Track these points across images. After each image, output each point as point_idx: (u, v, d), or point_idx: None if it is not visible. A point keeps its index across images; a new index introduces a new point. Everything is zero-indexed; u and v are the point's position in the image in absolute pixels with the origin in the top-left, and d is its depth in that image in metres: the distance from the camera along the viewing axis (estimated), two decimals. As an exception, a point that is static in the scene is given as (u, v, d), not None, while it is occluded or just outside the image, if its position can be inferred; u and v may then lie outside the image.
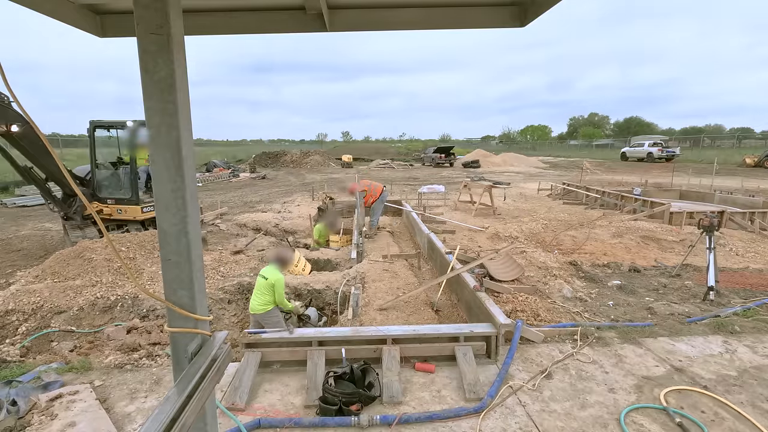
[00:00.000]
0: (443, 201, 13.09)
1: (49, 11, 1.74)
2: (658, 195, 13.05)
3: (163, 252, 1.39)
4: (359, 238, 7.45)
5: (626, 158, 35.17)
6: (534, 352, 3.54)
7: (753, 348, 3.62)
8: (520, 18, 2.04)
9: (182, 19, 1.36)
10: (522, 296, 4.87)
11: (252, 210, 12.62)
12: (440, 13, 2.01)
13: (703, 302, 4.90)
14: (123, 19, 2.02)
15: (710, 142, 44.66)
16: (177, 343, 1.44)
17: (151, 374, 3.34)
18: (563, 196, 14.25)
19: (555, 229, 8.90)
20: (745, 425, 2.63)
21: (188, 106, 1.40)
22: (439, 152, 34.02)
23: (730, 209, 9.81)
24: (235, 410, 2.81)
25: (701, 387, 3.04)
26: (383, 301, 4.86)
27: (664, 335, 3.86)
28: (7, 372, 3.40)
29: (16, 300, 5.04)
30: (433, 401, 2.90)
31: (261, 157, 36.71)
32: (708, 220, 5.21)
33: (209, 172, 27.58)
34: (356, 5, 2.00)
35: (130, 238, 6.83)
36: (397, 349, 3.34)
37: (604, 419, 2.69)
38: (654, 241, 7.92)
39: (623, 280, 5.76)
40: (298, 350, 3.39)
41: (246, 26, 2.01)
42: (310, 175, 26.73)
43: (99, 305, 5.05)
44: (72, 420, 2.74)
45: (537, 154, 47.45)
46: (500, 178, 17.56)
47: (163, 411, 1.14)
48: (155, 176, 1.35)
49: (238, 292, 5.56)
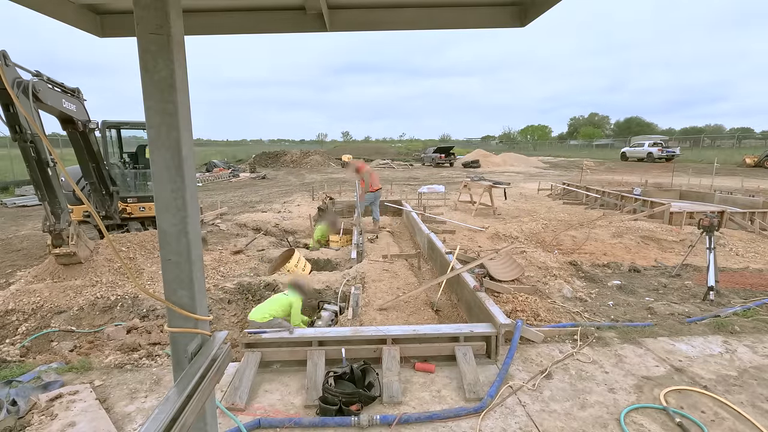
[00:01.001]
0: (443, 201, 13.09)
1: (49, 11, 1.74)
2: (658, 195, 13.05)
3: (163, 252, 1.39)
4: (359, 238, 7.45)
5: (626, 158, 35.17)
6: (534, 352, 3.54)
7: (753, 348, 3.62)
8: (520, 18, 2.04)
9: (182, 19, 1.36)
10: (522, 296, 4.87)
11: (252, 210, 12.61)
12: (440, 13, 2.02)
13: (703, 302, 4.90)
14: (123, 19, 2.03)
15: (710, 142, 44.68)
16: (177, 343, 1.44)
17: (151, 374, 3.34)
18: (563, 196, 14.25)
19: (555, 229, 8.90)
20: (745, 425, 2.63)
21: (188, 106, 1.40)
22: (439, 152, 34.00)
23: (730, 209, 9.81)
24: (235, 410, 2.81)
25: (701, 387, 3.04)
26: (383, 301, 4.86)
27: (664, 335, 3.86)
28: (7, 372, 3.40)
29: (16, 300, 5.04)
30: (433, 401, 2.90)
31: (261, 157, 36.70)
32: (708, 220, 5.21)
33: (209, 172, 27.58)
34: (356, 5, 2.00)
35: (130, 238, 6.82)
36: (397, 349, 3.34)
37: (604, 419, 2.69)
38: (654, 241, 7.92)
39: (623, 280, 5.76)
40: (298, 350, 3.39)
41: (246, 26, 2.02)
42: (310, 175, 26.74)
43: (99, 305, 5.05)
44: (72, 420, 2.74)
45: (537, 154, 47.46)
46: (500, 178, 17.55)
47: (163, 411, 1.14)
48: (155, 176, 1.35)
49: (238, 292, 5.56)
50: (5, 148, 21.26)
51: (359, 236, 7.54)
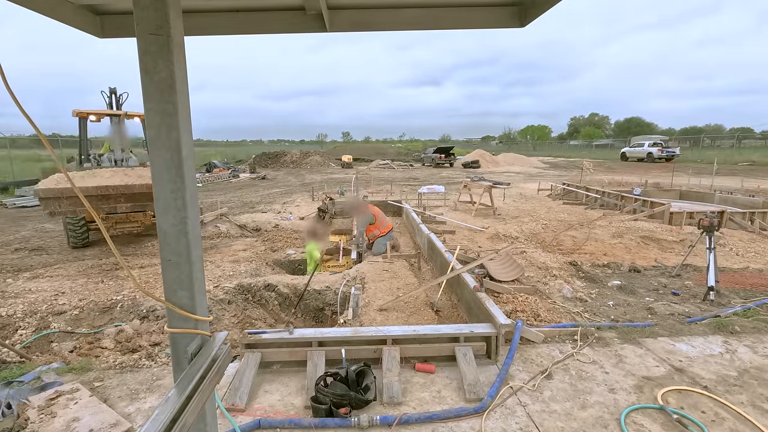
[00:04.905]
0: (443, 201, 13.09)
1: (49, 11, 1.74)
2: (658, 195, 13.05)
3: (163, 252, 1.39)
4: (359, 238, 7.44)
5: (626, 158, 35.19)
6: (534, 352, 3.54)
7: (753, 348, 3.62)
8: (520, 18, 2.04)
9: (182, 19, 1.36)
10: (522, 296, 4.87)
11: (252, 210, 12.62)
12: (440, 14, 2.02)
13: (703, 302, 4.89)
14: (123, 19, 2.03)
15: (710, 142, 44.69)
16: (177, 344, 1.44)
17: (151, 374, 3.34)
18: (563, 197, 14.25)
19: (555, 230, 8.90)
20: (745, 425, 2.63)
21: (188, 107, 1.40)
22: (439, 152, 34.02)
23: (730, 209, 9.81)
24: (235, 411, 2.81)
25: (701, 387, 3.04)
26: (383, 301, 4.86)
27: (664, 335, 3.86)
28: (7, 373, 3.40)
29: (16, 300, 5.04)
30: (433, 402, 2.90)
31: (261, 158, 36.72)
32: (708, 220, 5.20)
33: (209, 172, 27.59)
34: (356, 5, 2.01)
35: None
36: (397, 349, 3.34)
37: (605, 419, 2.69)
38: (654, 241, 7.93)
39: (623, 280, 5.76)
40: (298, 351, 3.39)
41: (246, 27, 2.02)
42: (310, 175, 26.74)
43: (99, 305, 5.05)
44: (74, 416, 2.75)
45: (537, 154, 47.46)
46: (500, 178, 17.55)
47: (163, 411, 1.14)
48: (155, 177, 1.35)
49: (238, 292, 5.56)
50: (5, 149, 21.29)
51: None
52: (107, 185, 6.27)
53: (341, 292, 5.30)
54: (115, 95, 8.72)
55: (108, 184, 6.31)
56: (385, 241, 7.09)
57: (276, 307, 5.61)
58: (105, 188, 6.23)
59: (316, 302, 5.49)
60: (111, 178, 6.59)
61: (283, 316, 5.51)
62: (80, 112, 8.34)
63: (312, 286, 5.57)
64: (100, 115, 8.55)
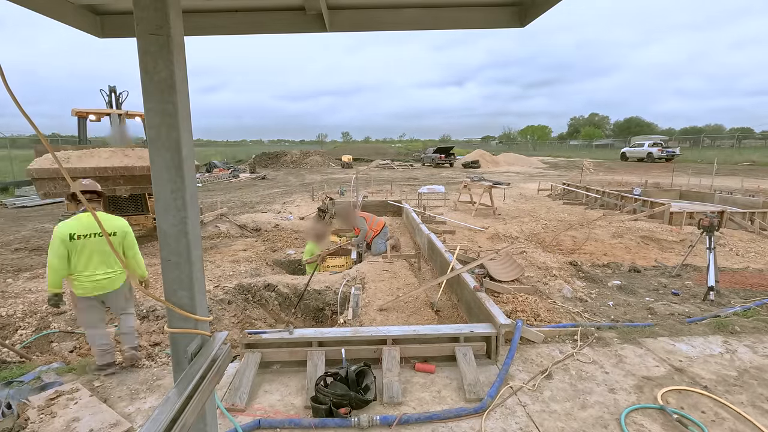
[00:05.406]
0: (443, 201, 13.09)
1: (49, 11, 1.74)
2: (658, 195, 13.05)
3: (163, 253, 1.39)
4: (360, 240, 7.44)
5: (626, 158, 35.18)
6: (534, 352, 3.54)
7: (753, 348, 3.62)
8: (520, 18, 2.04)
9: (182, 19, 1.36)
10: (522, 296, 4.87)
11: (252, 210, 12.62)
12: (440, 14, 2.02)
13: (703, 302, 4.89)
14: (123, 19, 2.03)
15: (710, 142, 44.67)
16: (177, 344, 1.44)
17: (151, 374, 3.34)
18: (563, 197, 14.25)
19: (555, 230, 8.90)
20: (745, 425, 2.63)
21: (188, 107, 1.40)
22: (439, 152, 34.03)
23: (730, 209, 9.82)
24: (235, 411, 2.81)
25: (701, 387, 3.04)
26: (383, 301, 4.86)
27: (664, 335, 3.86)
28: (7, 373, 3.40)
29: (16, 300, 5.04)
30: (433, 402, 2.90)
31: (261, 158, 36.73)
32: (708, 220, 5.21)
33: (209, 172, 27.59)
34: (356, 5, 2.01)
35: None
36: (397, 349, 3.34)
37: (605, 419, 2.69)
38: (654, 241, 7.93)
39: (623, 280, 5.76)
40: (298, 351, 3.39)
41: (246, 27, 2.02)
42: (310, 175, 26.74)
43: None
44: (74, 416, 2.75)
45: (537, 154, 47.47)
46: (500, 178, 17.55)
47: (163, 411, 1.14)
48: (155, 177, 1.35)
49: (238, 292, 5.56)
50: (5, 149, 21.29)
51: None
52: (106, 167, 6.02)
53: (341, 292, 5.30)
54: (114, 94, 8.71)
55: (107, 165, 6.07)
56: (382, 239, 7.09)
57: (276, 307, 5.61)
58: (104, 170, 5.98)
59: (316, 302, 5.49)
60: (110, 158, 6.34)
61: (283, 316, 5.51)
62: (79, 112, 8.33)
63: (312, 286, 5.57)
64: (100, 114, 8.54)
